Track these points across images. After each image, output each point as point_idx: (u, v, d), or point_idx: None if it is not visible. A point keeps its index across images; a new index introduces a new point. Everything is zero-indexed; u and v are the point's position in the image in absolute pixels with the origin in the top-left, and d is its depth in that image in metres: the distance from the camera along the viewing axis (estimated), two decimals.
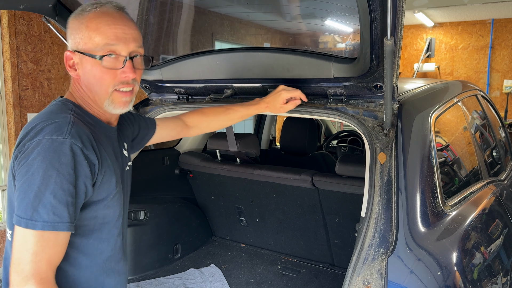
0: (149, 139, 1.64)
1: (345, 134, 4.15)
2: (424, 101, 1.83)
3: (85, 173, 1.09)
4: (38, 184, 1.02)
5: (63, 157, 1.04)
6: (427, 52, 8.18)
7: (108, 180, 1.17)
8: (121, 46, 1.18)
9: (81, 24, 1.18)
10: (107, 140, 1.24)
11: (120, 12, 1.22)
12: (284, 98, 1.72)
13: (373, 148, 1.53)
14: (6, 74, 3.63)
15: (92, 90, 1.21)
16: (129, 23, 1.22)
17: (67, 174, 1.04)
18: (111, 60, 1.18)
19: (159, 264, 2.71)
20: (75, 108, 1.20)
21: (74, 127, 1.10)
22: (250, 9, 1.85)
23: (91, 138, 1.13)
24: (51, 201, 1.02)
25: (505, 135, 3.03)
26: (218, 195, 2.92)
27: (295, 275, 2.65)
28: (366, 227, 1.39)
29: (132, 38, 1.20)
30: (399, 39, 1.26)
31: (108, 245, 1.24)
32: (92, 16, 1.18)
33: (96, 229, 1.19)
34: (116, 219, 1.25)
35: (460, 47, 8.13)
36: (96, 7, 1.19)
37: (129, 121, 1.53)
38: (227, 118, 1.76)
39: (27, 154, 1.06)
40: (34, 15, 3.70)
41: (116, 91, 1.21)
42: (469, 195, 1.78)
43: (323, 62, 1.64)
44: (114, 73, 1.19)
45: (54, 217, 1.03)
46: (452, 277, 1.35)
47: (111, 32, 1.17)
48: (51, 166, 1.03)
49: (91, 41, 1.17)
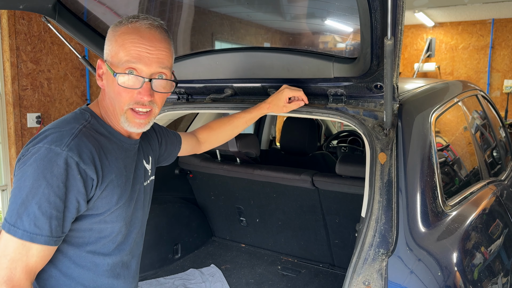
0: (176, 155, 1.64)
1: (345, 134, 4.15)
2: (424, 101, 1.83)
3: (78, 188, 1.06)
4: (26, 191, 1.02)
5: (56, 168, 1.03)
6: (428, 52, 8.18)
7: (108, 195, 1.15)
8: (141, 65, 1.14)
9: (113, 37, 1.17)
10: (122, 153, 1.22)
11: (153, 31, 1.17)
12: (286, 96, 1.72)
13: (373, 148, 1.53)
14: (6, 74, 3.63)
15: (112, 103, 1.19)
16: (157, 43, 1.16)
17: (56, 186, 1.03)
18: (129, 79, 1.15)
19: (159, 265, 2.71)
20: (91, 118, 1.19)
21: (76, 139, 1.08)
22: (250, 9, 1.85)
23: (93, 152, 1.10)
24: (35, 211, 1.01)
25: (505, 135, 3.03)
26: (218, 195, 2.92)
27: (295, 275, 2.65)
28: (366, 227, 1.38)
29: (156, 59, 1.16)
30: (400, 39, 1.26)
31: (104, 259, 1.21)
32: (124, 30, 1.16)
33: (91, 242, 1.17)
34: (116, 234, 1.22)
35: (460, 47, 8.13)
36: (131, 21, 1.17)
37: (158, 134, 1.52)
38: (233, 126, 1.77)
39: (26, 159, 1.06)
40: (34, 15, 3.70)
41: (132, 110, 1.18)
42: (469, 195, 1.78)
43: (323, 62, 1.64)
44: (132, 92, 1.16)
45: (35, 228, 1.02)
46: (452, 277, 1.35)
47: (134, 50, 1.14)
48: (42, 176, 1.02)
49: (116, 56, 1.15)
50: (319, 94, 1.78)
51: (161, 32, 1.19)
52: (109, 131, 1.21)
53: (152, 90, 1.17)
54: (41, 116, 3.84)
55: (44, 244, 1.03)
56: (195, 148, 1.74)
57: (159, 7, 1.87)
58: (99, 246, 1.19)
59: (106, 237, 1.19)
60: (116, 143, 1.21)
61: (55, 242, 1.06)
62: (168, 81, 1.21)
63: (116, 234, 1.22)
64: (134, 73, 1.14)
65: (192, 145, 1.71)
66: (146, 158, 1.38)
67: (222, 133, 1.78)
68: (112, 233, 1.20)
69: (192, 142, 1.71)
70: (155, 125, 1.54)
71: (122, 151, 1.22)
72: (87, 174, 1.08)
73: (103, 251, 1.20)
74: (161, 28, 1.20)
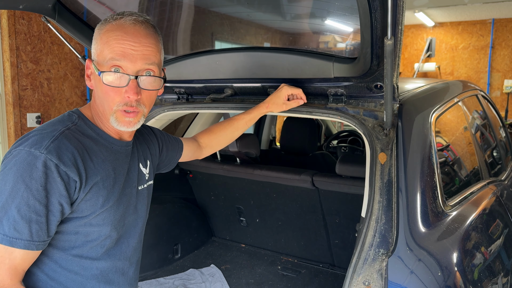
0: (177, 162, 1.61)
1: (346, 134, 4.15)
2: (424, 101, 1.83)
3: (59, 191, 1.04)
4: (6, 195, 1.01)
5: (35, 172, 1.01)
6: (428, 52, 8.18)
7: (93, 197, 1.12)
8: (126, 62, 1.11)
9: (98, 35, 1.15)
10: (110, 155, 1.19)
11: (137, 26, 1.13)
12: (285, 94, 1.71)
13: (374, 148, 1.52)
14: (6, 74, 3.63)
15: (101, 103, 1.16)
16: (142, 39, 1.13)
17: (35, 190, 1.01)
18: (114, 77, 1.11)
19: (159, 265, 2.71)
20: (79, 120, 1.16)
21: (56, 142, 1.06)
22: (250, 9, 1.85)
23: (75, 154, 1.07)
24: (14, 215, 1.00)
25: (505, 135, 3.03)
26: (218, 195, 2.92)
27: (295, 276, 2.65)
28: (366, 227, 1.38)
29: (141, 55, 1.12)
30: (400, 39, 1.26)
31: (93, 263, 1.18)
32: (108, 28, 1.13)
33: (78, 245, 1.14)
34: (104, 238, 1.18)
35: (460, 47, 8.13)
36: (116, 18, 1.14)
37: (159, 140, 1.49)
38: (233, 129, 1.75)
39: (7, 162, 1.05)
40: (34, 15, 3.70)
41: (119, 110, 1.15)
42: (469, 195, 1.78)
43: (323, 62, 1.64)
44: (119, 91, 1.12)
45: (14, 232, 1.00)
46: (452, 278, 1.34)
47: (118, 47, 1.10)
48: (21, 180, 1.01)
49: (101, 54, 1.13)
50: (319, 94, 1.78)
51: (147, 27, 1.15)
52: (97, 132, 1.18)
53: (138, 88, 1.13)
54: (41, 116, 3.83)
55: (23, 249, 1.02)
56: (197, 153, 1.72)
57: (159, 7, 1.87)
58: (86, 249, 1.16)
59: (93, 240, 1.16)
60: (105, 145, 1.18)
61: (36, 246, 1.04)
62: (156, 78, 1.17)
63: (104, 238, 1.18)
64: (120, 71, 1.11)
65: (194, 150, 1.69)
66: (143, 162, 1.34)
67: (223, 137, 1.76)
68: (99, 237, 1.17)
69: (193, 148, 1.69)
70: (156, 130, 1.52)
71: (111, 153, 1.19)
72: (68, 176, 1.05)
73: (91, 255, 1.17)
74: (146, 23, 1.16)
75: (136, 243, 1.32)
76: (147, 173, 1.36)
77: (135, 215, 1.30)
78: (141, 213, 1.34)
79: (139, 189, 1.31)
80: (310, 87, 1.76)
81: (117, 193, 1.19)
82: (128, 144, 1.26)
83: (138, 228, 1.33)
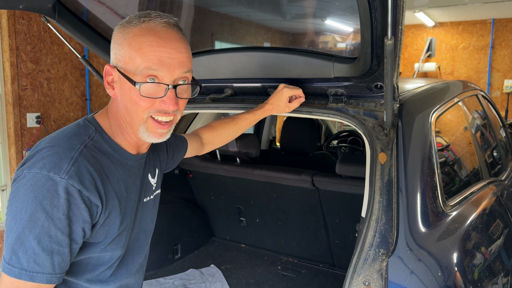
0: (180, 161, 1.56)
1: (346, 134, 4.15)
2: (424, 101, 1.83)
3: (83, 218, 0.97)
4: (23, 225, 0.91)
5: (56, 199, 0.92)
6: (428, 52, 8.18)
7: (111, 222, 1.05)
8: (164, 72, 1.02)
9: (124, 40, 1.03)
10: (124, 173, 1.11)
11: (169, 30, 1.05)
12: (287, 96, 1.70)
13: (374, 148, 1.52)
14: (6, 74, 3.63)
15: (129, 113, 1.06)
16: (177, 44, 1.04)
17: (57, 219, 0.92)
18: (151, 87, 1.03)
19: (159, 265, 2.71)
20: (95, 133, 1.07)
21: (76, 164, 0.97)
22: (250, 9, 1.85)
23: (95, 177, 0.99)
24: (34, 247, 0.91)
25: (505, 135, 3.03)
26: (218, 195, 2.92)
27: (295, 276, 2.65)
28: (366, 227, 1.38)
29: (178, 63, 1.04)
30: (400, 39, 1.26)
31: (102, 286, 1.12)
32: (137, 32, 1.02)
33: (89, 270, 1.08)
34: (114, 261, 1.13)
35: (460, 47, 8.13)
36: (143, 21, 1.03)
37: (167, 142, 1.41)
38: (236, 127, 1.73)
39: (21, 185, 0.94)
40: (34, 15, 3.70)
41: (152, 118, 1.06)
42: (469, 195, 1.77)
43: (323, 62, 1.64)
44: (153, 101, 1.03)
45: (35, 265, 0.91)
46: (452, 278, 1.34)
47: (154, 55, 1.01)
48: (40, 208, 0.91)
49: (132, 61, 1.02)
50: (319, 94, 1.78)
51: (178, 31, 1.07)
52: (114, 147, 1.09)
53: (177, 98, 1.05)
54: (40, 116, 3.83)
55: (46, 283, 0.93)
56: (199, 149, 1.68)
57: (159, 7, 1.87)
58: (97, 274, 1.10)
59: (104, 264, 1.11)
60: (120, 161, 1.10)
61: (58, 279, 0.96)
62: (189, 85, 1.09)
63: (114, 261, 1.13)
64: (156, 81, 1.02)
65: (197, 147, 1.65)
66: (152, 172, 1.27)
67: (225, 134, 1.74)
68: (111, 260, 1.12)
69: (196, 145, 1.65)
70: None
71: (125, 170, 1.11)
72: (91, 201, 0.98)
73: (101, 278, 1.11)
74: (177, 26, 1.08)
75: (143, 259, 1.27)
76: (155, 183, 1.29)
77: (145, 232, 1.24)
78: (149, 225, 1.28)
79: (145, 201, 1.24)
80: (310, 87, 1.76)
81: (130, 214, 1.13)
82: (142, 157, 1.19)
83: (144, 243, 1.26)
